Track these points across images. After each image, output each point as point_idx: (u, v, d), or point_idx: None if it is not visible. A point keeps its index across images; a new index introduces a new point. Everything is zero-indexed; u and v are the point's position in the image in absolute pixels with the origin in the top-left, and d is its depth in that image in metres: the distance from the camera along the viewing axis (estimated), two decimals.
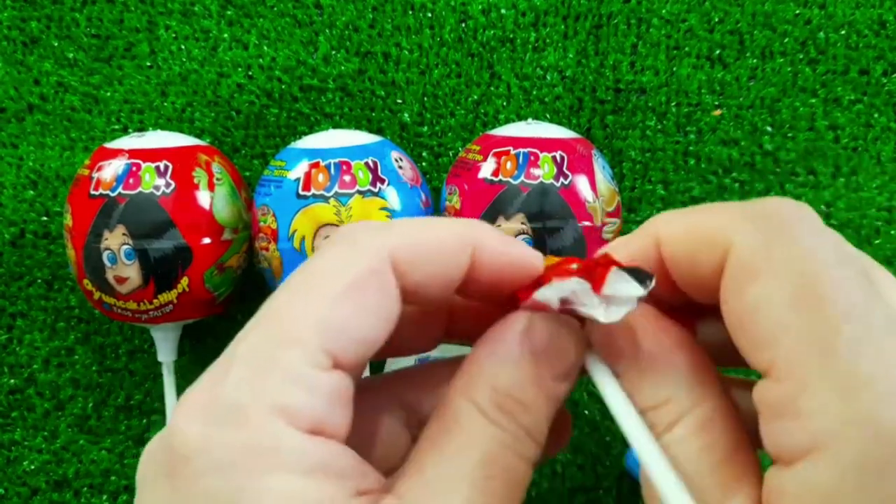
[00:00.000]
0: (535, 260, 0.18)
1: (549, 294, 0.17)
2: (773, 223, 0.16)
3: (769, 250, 0.16)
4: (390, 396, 0.20)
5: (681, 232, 0.18)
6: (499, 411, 0.17)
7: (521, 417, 0.17)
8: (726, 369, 0.20)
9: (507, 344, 0.18)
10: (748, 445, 0.17)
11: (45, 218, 0.44)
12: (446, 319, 0.21)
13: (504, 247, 0.18)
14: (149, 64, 0.44)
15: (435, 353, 0.30)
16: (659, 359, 0.18)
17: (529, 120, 0.40)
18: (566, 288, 0.17)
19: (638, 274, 0.16)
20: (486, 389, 0.17)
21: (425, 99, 0.43)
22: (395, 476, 0.17)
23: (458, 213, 0.36)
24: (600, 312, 0.17)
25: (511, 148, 0.36)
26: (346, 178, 0.35)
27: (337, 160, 0.35)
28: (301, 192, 0.35)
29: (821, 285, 0.15)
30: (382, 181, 0.35)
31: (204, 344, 0.43)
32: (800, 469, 0.15)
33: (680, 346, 0.18)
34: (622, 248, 0.19)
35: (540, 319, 0.18)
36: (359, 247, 0.17)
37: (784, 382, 0.15)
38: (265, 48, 0.44)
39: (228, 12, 0.44)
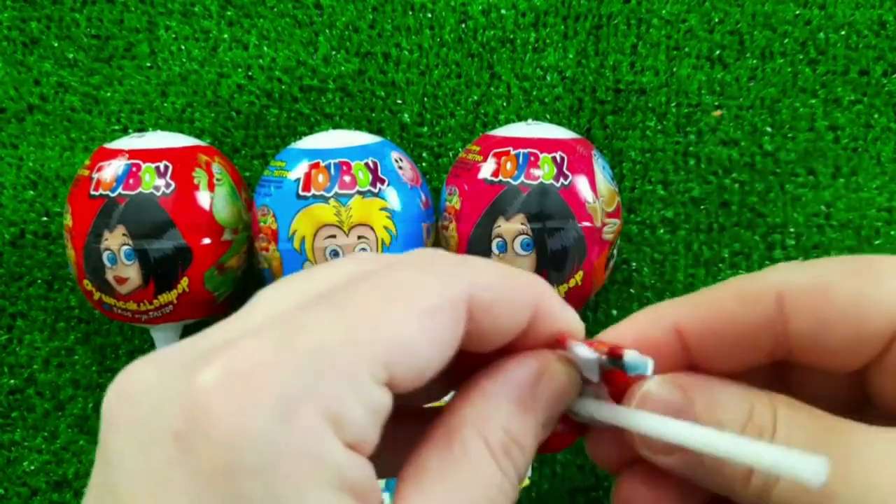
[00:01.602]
0: (580, 329, 0.19)
1: (582, 353, 0.18)
2: None
3: None
4: None
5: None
6: (505, 455, 0.17)
7: (519, 462, 0.18)
8: None
9: (522, 388, 0.18)
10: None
11: (45, 218, 0.44)
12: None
13: (562, 311, 0.19)
14: (149, 64, 0.44)
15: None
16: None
17: (529, 120, 0.40)
18: (593, 356, 0.18)
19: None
20: (498, 430, 0.17)
21: (425, 99, 0.43)
22: (398, 492, 0.17)
23: (458, 214, 0.36)
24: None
25: (511, 148, 0.36)
26: (346, 178, 0.35)
27: (337, 160, 0.35)
28: (301, 193, 0.35)
29: None
30: (382, 181, 0.35)
31: None
32: None
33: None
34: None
35: (555, 364, 0.18)
36: (445, 275, 0.17)
37: None
38: (265, 48, 0.44)
39: (228, 12, 0.44)
